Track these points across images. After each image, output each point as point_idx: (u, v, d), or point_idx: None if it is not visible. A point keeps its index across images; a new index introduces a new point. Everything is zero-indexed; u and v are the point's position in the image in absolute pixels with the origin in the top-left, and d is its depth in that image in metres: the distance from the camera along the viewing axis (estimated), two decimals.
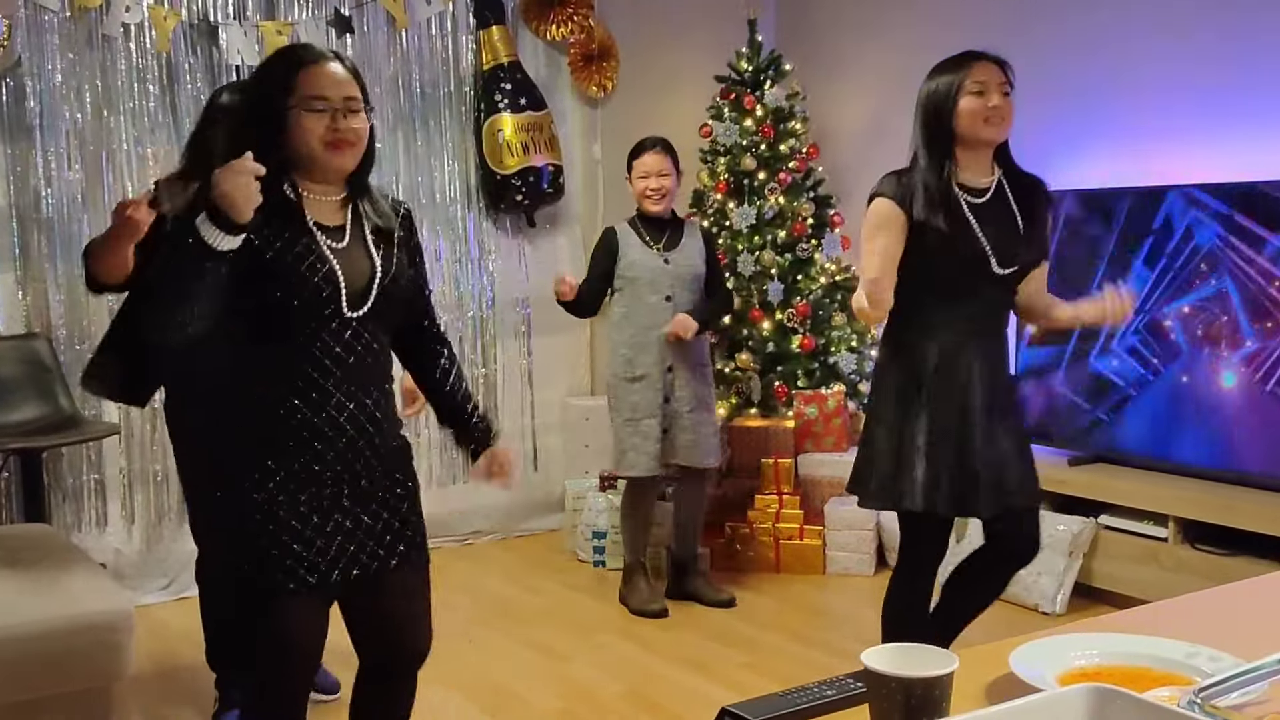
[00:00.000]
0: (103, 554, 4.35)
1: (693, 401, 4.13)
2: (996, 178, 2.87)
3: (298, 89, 2.08)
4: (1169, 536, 3.91)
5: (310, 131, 2.08)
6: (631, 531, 4.26)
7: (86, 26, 4.30)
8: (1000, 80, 2.80)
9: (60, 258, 4.30)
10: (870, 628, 4.02)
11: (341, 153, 2.11)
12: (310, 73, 2.09)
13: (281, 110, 2.08)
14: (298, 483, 2.14)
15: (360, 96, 2.14)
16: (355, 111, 2.12)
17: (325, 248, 2.12)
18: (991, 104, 2.77)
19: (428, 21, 4.96)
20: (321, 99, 2.08)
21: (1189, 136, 4.11)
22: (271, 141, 2.09)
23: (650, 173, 4.12)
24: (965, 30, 4.84)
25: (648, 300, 4.09)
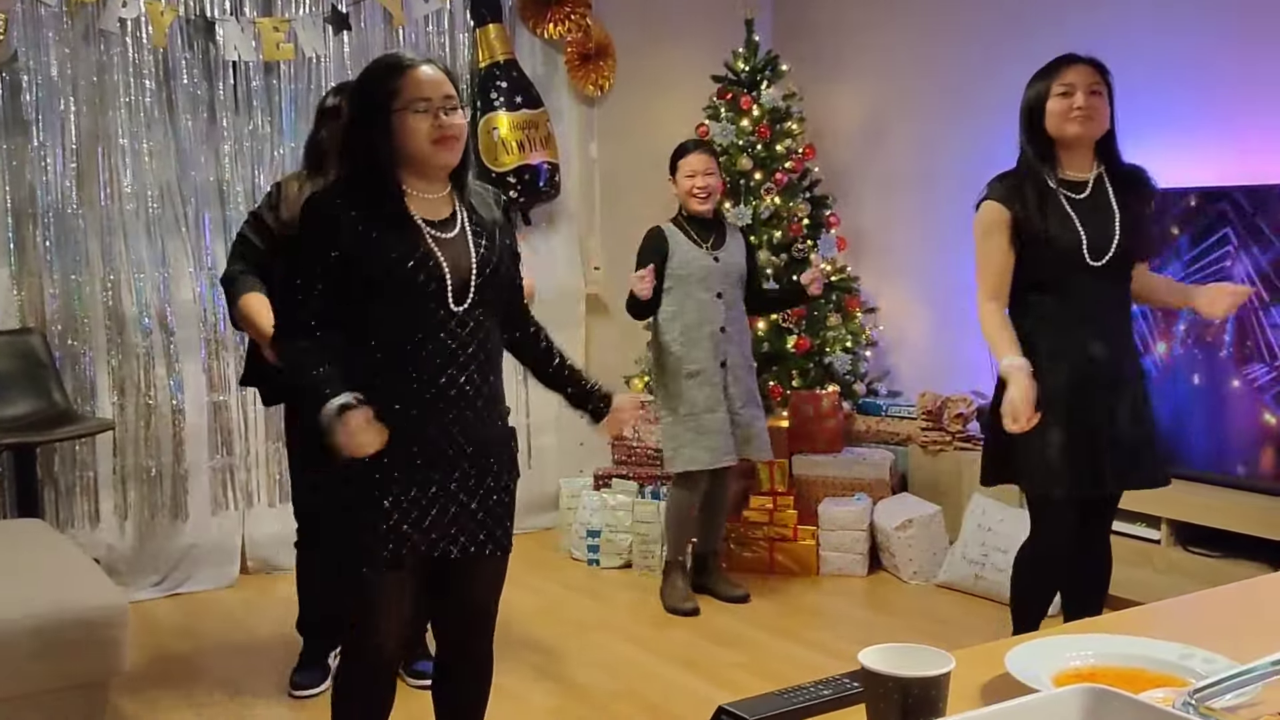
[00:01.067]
0: (95, 549, 4.34)
1: (745, 397, 4.19)
2: (1097, 173, 3.01)
3: (401, 92, 2.21)
4: (1161, 539, 3.92)
5: (416, 130, 2.21)
6: (679, 529, 4.27)
7: (83, 21, 4.29)
8: (1090, 81, 2.95)
9: (56, 253, 4.29)
10: (864, 627, 4.05)
11: (447, 148, 2.24)
12: (410, 76, 2.23)
13: (387, 113, 2.21)
14: (406, 465, 2.25)
15: (456, 95, 2.27)
16: (454, 109, 2.25)
17: (431, 241, 2.25)
18: (1077, 103, 2.92)
19: (425, 19, 4.96)
20: (424, 99, 2.21)
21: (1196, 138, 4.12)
22: (379, 144, 2.22)
23: (697, 171, 4.16)
24: (962, 32, 4.87)
25: (699, 297, 4.12)
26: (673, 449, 4.16)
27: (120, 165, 4.37)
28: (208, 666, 3.78)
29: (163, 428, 4.47)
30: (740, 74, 5.15)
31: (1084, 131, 2.95)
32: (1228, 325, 3.82)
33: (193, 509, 4.53)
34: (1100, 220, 2.96)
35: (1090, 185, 2.99)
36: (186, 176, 4.48)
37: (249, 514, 4.66)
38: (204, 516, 4.57)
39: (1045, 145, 2.98)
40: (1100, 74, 2.96)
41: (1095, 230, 2.94)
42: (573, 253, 5.36)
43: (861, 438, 5.00)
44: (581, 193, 5.45)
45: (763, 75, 5.14)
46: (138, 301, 4.41)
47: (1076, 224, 2.94)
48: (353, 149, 2.29)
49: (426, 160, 2.24)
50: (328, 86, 4.66)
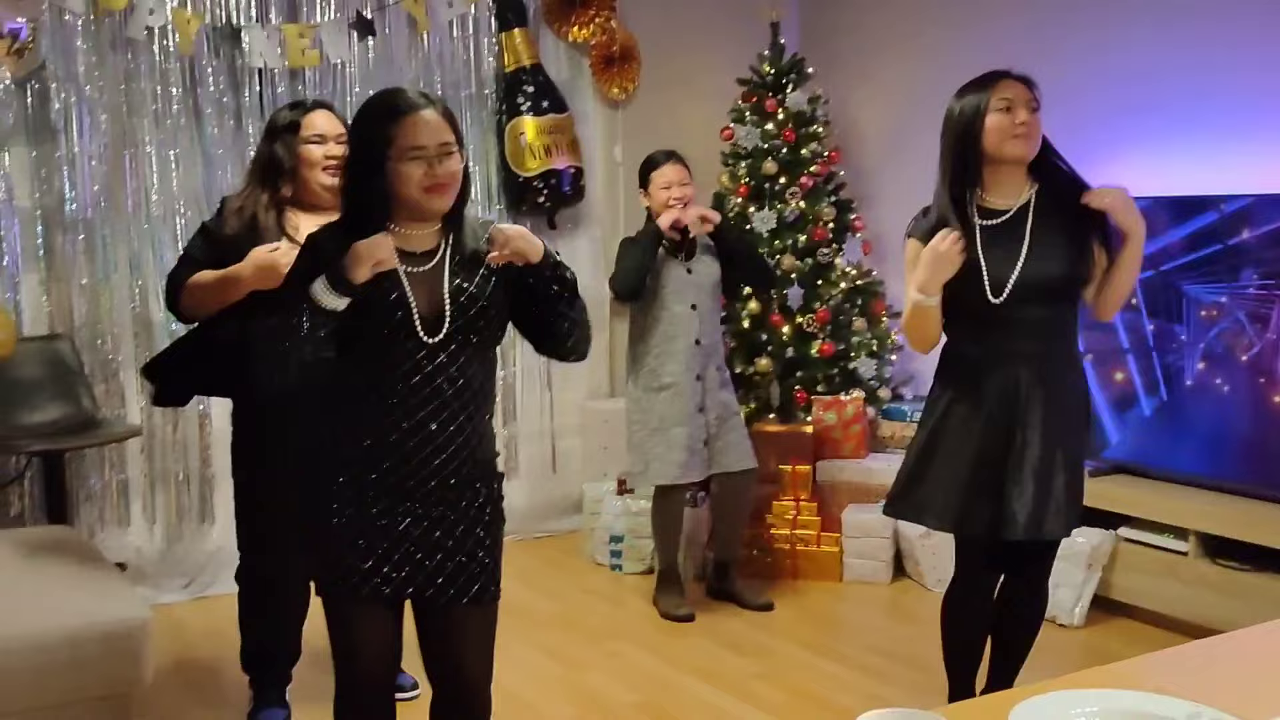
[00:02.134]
0: (124, 553, 4.40)
1: (720, 408, 4.19)
2: (1024, 199, 2.84)
3: (396, 140, 2.19)
4: (1189, 550, 3.87)
5: (409, 179, 2.21)
6: (662, 538, 4.28)
7: (110, 30, 4.32)
8: (1027, 97, 2.80)
9: (84, 259, 4.33)
10: (886, 637, 4.03)
11: (440, 195, 2.24)
12: (407, 123, 2.20)
13: (380, 160, 2.20)
14: (379, 498, 2.25)
15: (453, 140, 2.25)
16: (450, 154, 2.23)
17: (403, 275, 2.23)
18: (1019, 120, 2.77)
19: (449, 24, 4.96)
20: (419, 148, 2.20)
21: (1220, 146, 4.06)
22: (372, 187, 2.23)
23: (672, 182, 4.14)
24: (987, 36, 4.82)
25: (674, 309, 4.12)
26: (642, 463, 4.17)
27: (147, 172, 4.41)
28: (233, 669, 3.80)
29: (190, 432, 4.52)
30: (765, 77, 5.13)
31: (1025, 151, 2.79)
32: (1258, 336, 3.77)
33: (219, 513, 4.57)
34: (1003, 254, 2.78)
35: (1010, 213, 2.82)
36: (213, 182, 4.50)
37: None
38: (230, 520, 4.54)
39: (975, 166, 2.81)
40: (1033, 91, 2.81)
41: (996, 265, 2.77)
42: (597, 256, 5.35)
43: (886, 443, 4.97)
44: (606, 196, 5.44)
45: (788, 78, 5.11)
46: (164, 307, 4.43)
47: (980, 257, 2.78)
48: (348, 188, 2.30)
49: (418, 206, 2.24)
50: (353, 92, 4.72)
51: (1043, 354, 2.84)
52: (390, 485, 2.24)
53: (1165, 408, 4.08)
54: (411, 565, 2.26)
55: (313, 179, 3.07)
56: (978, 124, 2.79)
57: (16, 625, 2.71)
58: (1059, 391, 2.84)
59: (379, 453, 2.23)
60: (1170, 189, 4.09)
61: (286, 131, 3.09)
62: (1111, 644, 3.89)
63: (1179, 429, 4.04)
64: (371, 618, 2.31)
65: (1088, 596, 4.05)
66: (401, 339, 2.21)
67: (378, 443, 2.23)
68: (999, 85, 2.80)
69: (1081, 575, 4.03)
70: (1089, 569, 4.04)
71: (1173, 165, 4.18)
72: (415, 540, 2.26)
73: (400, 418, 2.22)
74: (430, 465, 2.24)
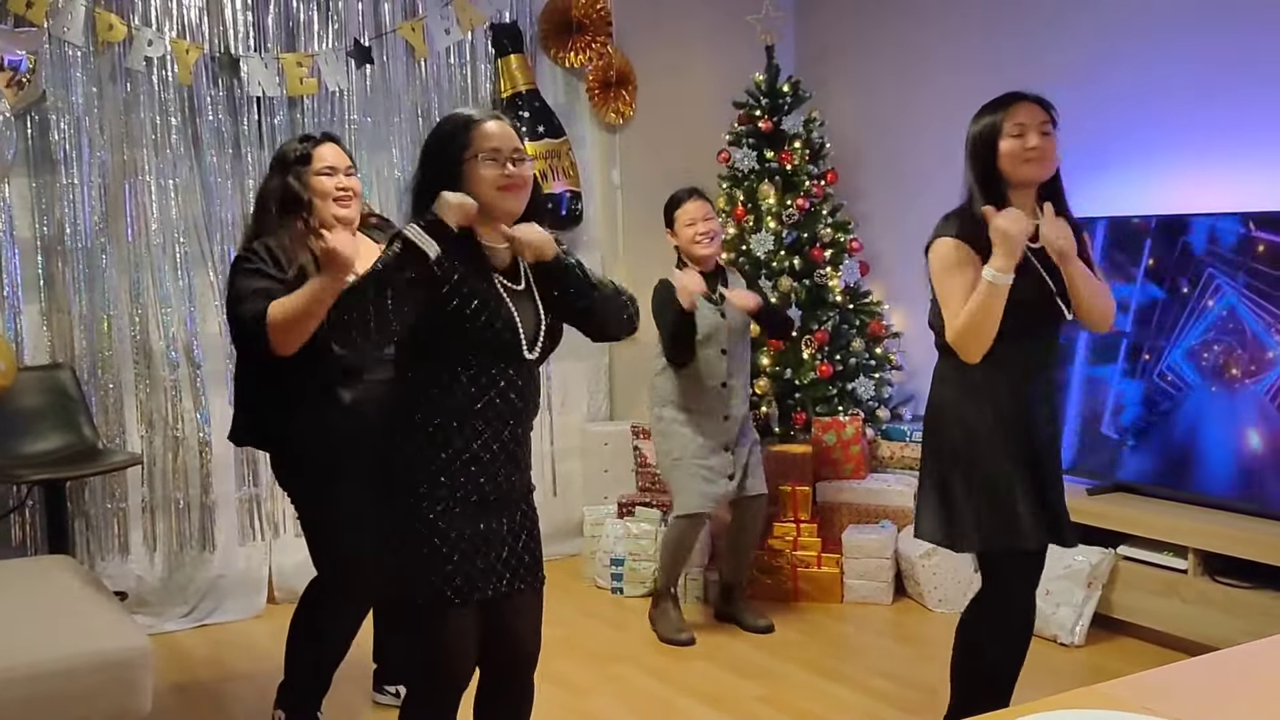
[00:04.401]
0: (125, 581, 4.40)
1: (741, 439, 4.24)
2: (1038, 220, 2.85)
3: (473, 143, 2.33)
4: (1189, 568, 3.87)
5: (485, 178, 2.33)
6: (673, 561, 4.29)
7: (110, 60, 4.36)
8: (1040, 120, 2.82)
9: (84, 288, 4.35)
10: (888, 659, 4.03)
11: (515, 194, 2.36)
12: (481, 129, 2.35)
13: (458, 162, 2.33)
14: (466, 505, 2.37)
15: (524, 149, 2.40)
16: (523, 160, 2.38)
17: (504, 294, 2.36)
18: (1030, 144, 2.79)
19: (446, 51, 4.99)
20: (495, 149, 2.34)
21: (1212, 162, 4.08)
22: (447, 189, 2.32)
23: (696, 219, 4.15)
24: (984, 57, 4.85)
25: (704, 354, 4.12)
26: (681, 490, 4.19)
27: (147, 201, 4.43)
28: (235, 697, 3.81)
29: (190, 460, 4.53)
30: (761, 100, 5.16)
31: (1039, 175, 2.82)
32: (1256, 353, 3.78)
33: (220, 540, 4.58)
34: (1057, 271, 2.82)
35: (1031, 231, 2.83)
36: (212, 211, 4.53)
37: (276, 544, 4.71)
38: (231, 547, 4.61)
39: (998, 186, 2.83)
40: (1048, 112, 2.84)
41: (1060, 281, 2.83)
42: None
43: (886, 464, 4.98)
44: (604, 220, 5.47)
45: (784, 101, 5.14)
46: (165, 335, 4.47)
47: (1043, 273, 2.82)
48: (422, 196, 2.35)
49: (493, 205, 2.34)
50: (351, 120, 4.75)
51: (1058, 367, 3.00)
52: (483, 494, 2.38)
53: (1163, 426, 4.08)
54: (496, 567, 2.42)
55: (325, 210, 3.08)
56: (993, 147, 2.83)
57: (16, 655, 2.71)
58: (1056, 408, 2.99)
59: (473, 465, 2.37)
60: (1163, 207, 4.11)
61: (298, 164, 3.11)
62: (1112, 663, 3.88)
63: (1178, 447, 4.04)
64: (464, 622, 2.41)
65: (1088, 615, 4.04)
66: (503, 357, 2.36)
67: (473, 455, 2.36)
68: (1012, 109, 2.83)
69: (1081, 594, 4.03)
70: (1089, 588, 4.04)
71: (1165, 183, 4.20)
72: (497, 544, 2.42)
73: (495, 430, 2.38)
74: (515, 472, 2.44)
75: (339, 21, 4.74)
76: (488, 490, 2.39)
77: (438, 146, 2.39)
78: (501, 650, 2.54)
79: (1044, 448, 2.90)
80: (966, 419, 2.88)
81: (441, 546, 2.35)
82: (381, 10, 4.84)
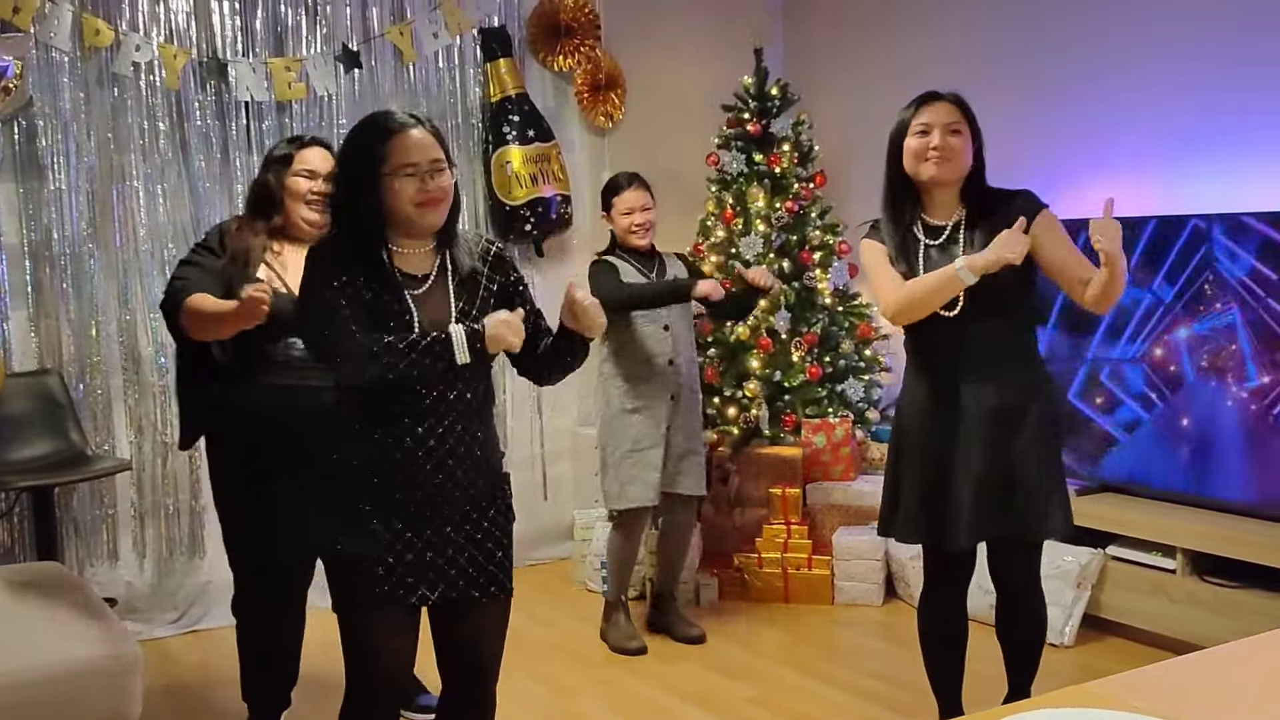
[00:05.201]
0: (114, 588, 4.39)
1: (686, 430, 4.17)
2: (957, 218, 2.91)
3: (389, 157, 2.29)
4: (1177, 568, 3.88)
5: (402, 194, 2.30)
6: (620, 565, 4.25)
7: (97, 66, 4.35)
8: (948, 120, 2.85)
9: (72, 294, 4.34)
10: (879, 660, 4.03)
11: (433, 209, 2.33)
12: (399, 141, 2.30)
13: (375, 177, 2.29)
14: (394, 507, 2.34)
15: (443, 157, 2.35)
16: (441, 171, 2.33)
17: (408, 296, 2.33)
18: (932, 143, 2.83)
19: (435, 55, 5.00)
20: (411, 165, 2.29)
21: (1204, 163, 4.10)
22: (366, 205, 2.31)
23: (634, 208, 4.15)
24: (970, 58, 4.87)
25: (645, 330, 4.10)
26: (618, 485, 4.13)
27: (135, 206, 4.43)
28: (224, 702, 3.80)
29: (179, 465, 4.52)
30: (750, 103, 5.16)
31: (939, 174, 2.84)
32: (1247, 349, 3.79)
33: (210, 545, 4.56)
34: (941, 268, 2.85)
35: (947, 230, 2.90)
36: (200, 216, 4.52)
37: None
38: (221, 553, 4.51)
39: (908, 184, 2.91)
40: (961, 111, 2.86)
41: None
42: (585, 283, 5.36)
43: (876, 465, 4.98)
44: (594, 223, 5.45)
45: (773, 104, 5.15)
46: (153, 341, 4.46)
47: (922, 270, 2.87)
48: (341, 208, 2.37)
49: (411, 221, 2.33)
50: (340, 124, 4.75)
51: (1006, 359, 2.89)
52: (416, 499, 2.34)
53: (1152, 425, 4.09)
54: (435, 571, 2.36)
55: (295, 211, 3.13)
56: (900, 146, 2.90)
57: (5, 662, 2.69)
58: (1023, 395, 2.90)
59: (400, 470, 2.32)
60: (1154, 209, 4.12)
61: (279, 163, 3.16)
62: (1102, 663, 3.89)
63: (1166, 447, 4.06)
64: (393, 622, 2.37)
65: (1078, 616, 4.05)
66: None
67: (399, 461, 2.32)
68: (922, 109, 2.89)
69: (1071, 594, 4.04)
70: (1078, 588, 4.05)
71: (1155, 185, 4.21)
72: (439, 547, 2.36)
73: (418, 435, 2.32)
74: (453, 476, 2.35)
75: (327, 26, 4.74)
76: (432, 492, 2.34)
77: (354, 157, 2.34)
78: (458, 659, 2.50)
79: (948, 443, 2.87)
80: (900, 412, 3.05)
81: (373, 546, 2.32)
82: (370, 14, 4.84)
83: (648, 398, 4.10)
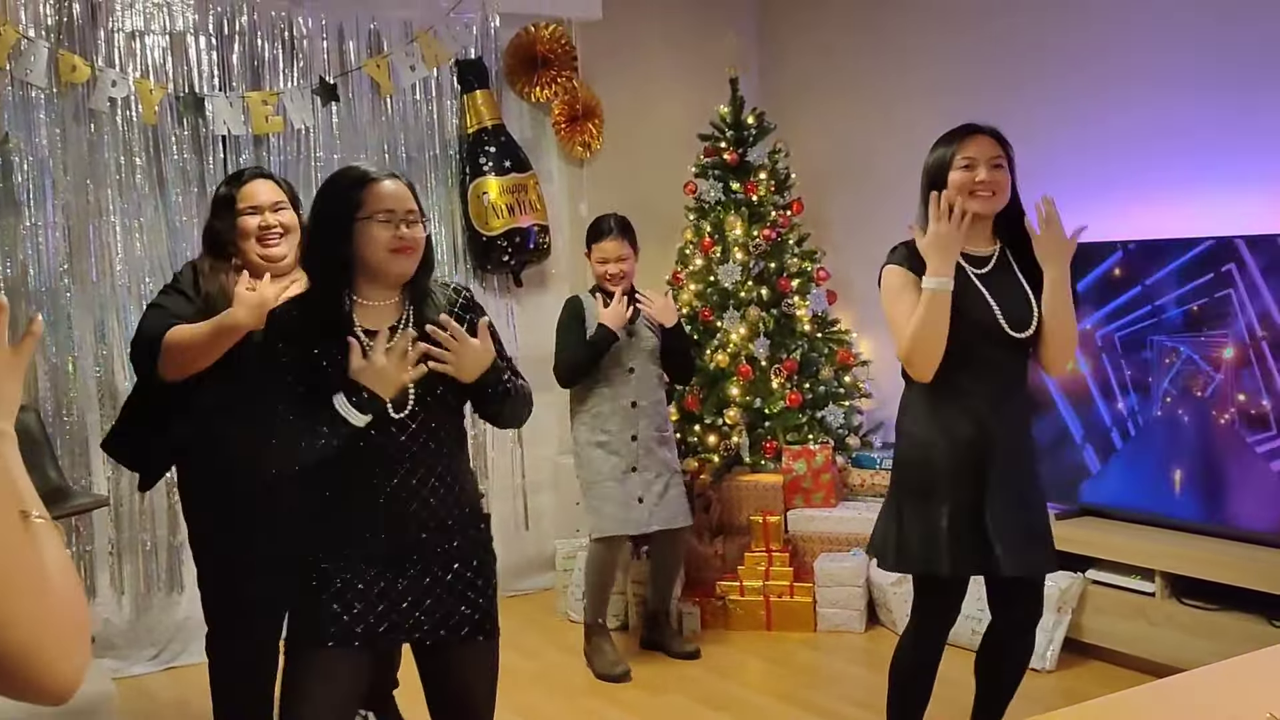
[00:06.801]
0: (92, 625, 4.35)
1: (659, 467, 4.26)
2: (998, 248, 2.94)
3: (366, 203, 2.29)
4: (1156, 591, 3.90)
5: (377, 240, 2.28)
6: (597, 592, 4.31)
7: (73, 101, 4.35)
8: (991, 155, 2.86)
9: (49, 330, 4.32)
10: (861, 687, 4.03)
11: (406, 256, 2.31)
12: (375, 189, 2.30)
13: (349, 223, 2.28)
14: (357, 552, 2.30)
15: (418, 210, 2.34)
16: (415, 222, 2.33)
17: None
18: (978, 178, 2.84)
19: (412, 87, 5.01)
20: (388, 211, 2.29)
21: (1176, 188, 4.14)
22: (337, 251, 2.29)
23: (609, 258, 4.24)
24: (947, 85, 4.91)
25: (609, 372, 4.21)
26: (595, 513, 4.25)
27: (112, 241, 4.42)
28: None
29: (157, 500, 4.49)
30: (726, 132, 5.20)
31: (985, 209, 2.86)
32: (1221, 375, 3.82)
33: (188, 581, 4.53)
34: (1013, 293, 2.89)
35: (993, 259, 2.92)
36: (178, 250, 4.50)
37: None
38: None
39: None
40: (1001, 146, 2.88)
41: (1010, 303, 2.87)
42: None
43: (857, 491, 4.99)
44: (572, 252, 5.47)
45: (749, 132, 5.18)
46: (130, 376, 4.40)
47: (988, 298, 2.87)
48: (311, 258, 2.37)
49: (382, 268, 2.31)
50: (318, 157, 4.76)
51: (1025, 393, 2.98)
52: (382, 543, 2.31)
53: (1130, 450, 4.11)
54: (401, 615, 2.32)
55: (250, 251, 3.04)
56: (942, 179, 2.87)
57: None
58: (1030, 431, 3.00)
59: (365, 516, 2.31)
60: (1127, 233, 4.15)
61: (223, 205, 3.09)
62: (1083, 687, 3.89)
63: (1143, 471, 4.07)
64: (329, 671, 2.30)
65: (1059, 640, 4.06)
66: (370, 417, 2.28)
67: (364, 507, 2.30)
68: (964, 142, 2.87)
69: (1052, 618, 4.04)
70: (1059, 612, 4.06)
71: (1129, 209, 4.25)
72: (404, 590, 2.32)
73: (383, 482, 2.30)
74: (419, 518, 2.32)
75: (304, 59, 4.76)
76: (388, 538, 2.31)
77: (330, 204, 2.33)
78: (446, 703, 2.46)
79: (984, 472, 2.86)
80: (926, 447, 2.91)
81: (320, 590, 2.29)
82: (346, 47, 4.86)
83: (611, 434, 4.22)
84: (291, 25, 4.73)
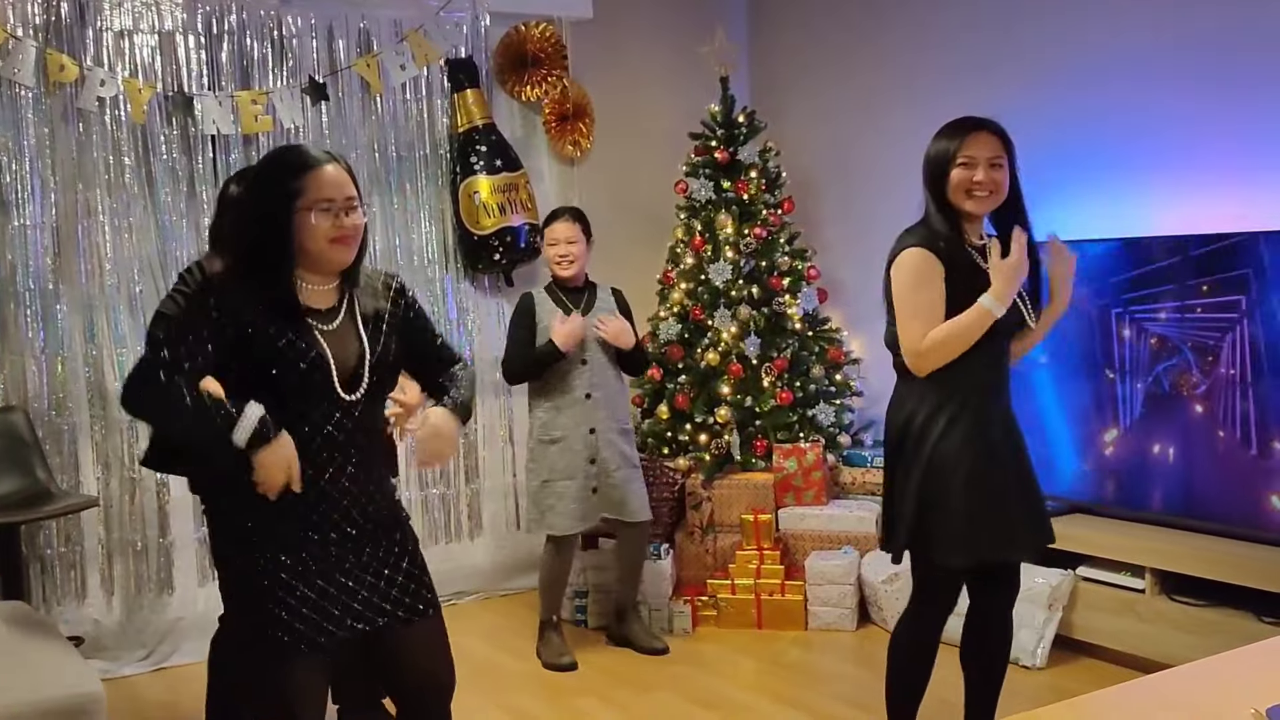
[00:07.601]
0: (82, 625, 4.35)
1: (619, 460, 4.30)
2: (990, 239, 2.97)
3: (305, 192, 2.26)
4: (1146, 588, 3.91)
5: (316, 229, 2.27)
6: (549, 588, 4.37)
7: (62, 101, 4.33)
8: (991, 154, 2.86)
9: (38, 330, 4.31)
10: (853, 685, 4.03)
11: (345, 246, 2.32)
12: (315, 177, 2.27)
13: (287, 211, 2.26)
14: (299, 549, 2.30)
15: (356, 195, 2.33)
16: (354, 209, 2.32)
17: (316, 332, 2.31)
18: (976, 178, 2.85)
19: (402, 87, 5.01)
20: (328, 200, 2.27)
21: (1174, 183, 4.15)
22: (278, 238, 2.27)
23: (559, 240, 4.29)
24: (937, 84, 4.92)
25: (563, 365, 4.21)
26: (537, 513, 4.29)
27: (101, 241, 4.41)
28: None
29: (147, 501, 4.48)
30: (717, 131, 5.20)
31: (981, 210, 2.88)
32: (1214, 371, 3.83)
33: (179, 582, 4.53)
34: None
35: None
36: (167, 250, 4.50)
37: None
38: (190, 589, 4.56)
39: (951, 210, 2.89)
40: (1002, 143, 2.88)
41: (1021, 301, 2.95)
42: None
43: (847, 490, 4.99)
44: None
45: (739, 131, 5.19)
46: (120, 376, 4.42)
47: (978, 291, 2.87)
48: (249, 238, 2.31)
49: (323, 257, 2.31)
50: None
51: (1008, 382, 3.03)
52: (322, 534, 2.32)
53: (1120, 447, 4.12)
54: (352, 605, 2.33)
55: None
56: (942, 172, 2.89)
57: None
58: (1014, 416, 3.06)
59: (305, 505, 2.30)
60: (1118, 230, 4.16)
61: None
62: (1073, 684, 3.90)
63: (1134, 468, 4.08)
64: (307, 667, 2.30)
65: (1049, 637, 4.07)
66: (318, 397, 2.30)
67: (304, 496, 2.28)
68: (966, 139, 2.87)
69: (1042, 616, 4.05)
70: (1049, 609, 4.06)
71: (1120, 206, 4.26)
72: (352, 581, 2.34)
73: (322, 469, 2.31)
74: (370, 507, 2.37)
75: (293, 59, 4.75)
76: (334, 530, 2.32)
77: (268, 188, 2.29)
78: (407, 686, 2.47)
79: (1001, 461, 2.92)
80: (931, 437, 2.90)
81: (276, 591, 2.27)
82: (336, 47, 4.85)
83: (565, 429, 4.23)
84: (281, 24, 4.72)
